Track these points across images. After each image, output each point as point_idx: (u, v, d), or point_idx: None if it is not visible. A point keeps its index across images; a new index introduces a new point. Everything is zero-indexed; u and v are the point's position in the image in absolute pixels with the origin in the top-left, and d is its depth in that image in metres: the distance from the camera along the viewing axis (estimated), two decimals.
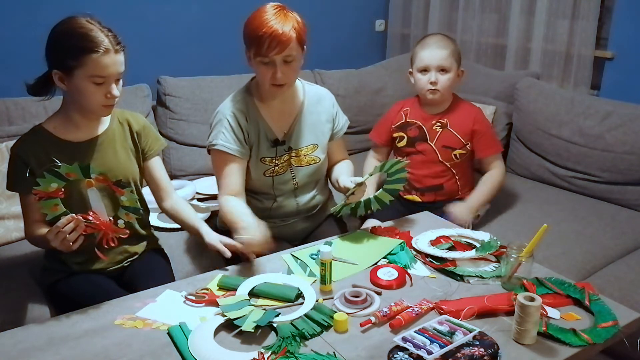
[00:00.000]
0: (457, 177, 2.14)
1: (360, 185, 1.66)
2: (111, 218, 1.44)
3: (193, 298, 1.37)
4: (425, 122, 2.12)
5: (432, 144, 2.11)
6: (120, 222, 1.47)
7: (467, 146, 2.11)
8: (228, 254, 1.49)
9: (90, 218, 1.38)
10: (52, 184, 1.35)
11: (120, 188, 1.43)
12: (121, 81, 1.52)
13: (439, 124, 2.11)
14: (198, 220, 1.66)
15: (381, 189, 1.78)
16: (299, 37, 1.61)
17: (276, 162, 1.76)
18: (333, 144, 1.89)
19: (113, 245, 1.43)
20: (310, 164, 1.80)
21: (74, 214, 1.36)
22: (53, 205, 1.38)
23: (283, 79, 1.63)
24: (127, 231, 1.47)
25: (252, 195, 1.81)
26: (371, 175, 1.76)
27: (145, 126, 1.71)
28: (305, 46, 1.67)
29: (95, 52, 1.42)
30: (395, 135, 2.18)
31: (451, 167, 2.12)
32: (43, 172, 1.36)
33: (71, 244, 1.36)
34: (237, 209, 1.62)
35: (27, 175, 1.45)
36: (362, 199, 1.74)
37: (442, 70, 2.04)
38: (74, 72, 1.44)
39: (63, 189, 1.38)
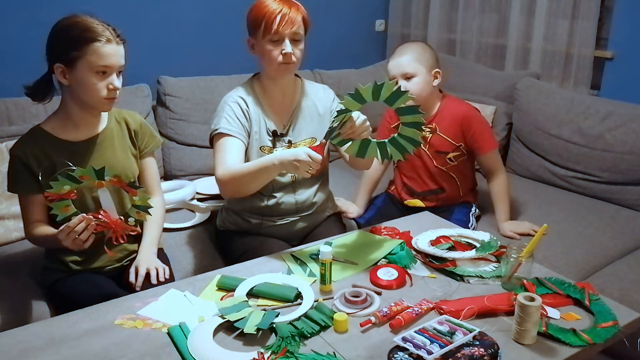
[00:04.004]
0: (457, 180, 2.12)
1: (340, 116, 1.47)
2: (121, 217, 1.46)
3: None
4: None
5: (425, 150, 2.09)
6: (131, 219, 1.49)
7: (461, 147, 2.08)
8: (133, 281, 1.54)
9: (101, 217, 1.41)
10: (65, 187, 1.38)
11: (134, 189, 1.45)
12: (121, 77, 1.53)
13: (428, 130, 2.07)
14: (147, 238, 1.67)
15: (398, 134, 1.56)
16: (304, 19, 1.69)
17: (275, 152, 1.76)
18: None
19: (123, 241, 1.46)
20: None
21: (84, 214, 1.38)
22: (64, 206, 1.41)
23: (291, 56, 1.67)
24: (138, 229, 1.51)
25: None
26: (361, 91, 1.48)
27: (142, 124, 1.72)
28: (306, 35, 1.72)
29: (97, 41, 1.45)
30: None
31: (448, 170, 2.10)
32: (57, 175, 1.37)
33: (82, 242, 1.38)
34: (252, 162, 1.65)
35: (40, 177, 1.48)
36: (373, 140, 1.57)
37: (407, 77, 1.99)
38: (76, 63, 1.46)
39: (75, 191, 1.40)
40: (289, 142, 1.79)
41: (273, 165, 1.55)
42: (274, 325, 1.23)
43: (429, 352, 1.10)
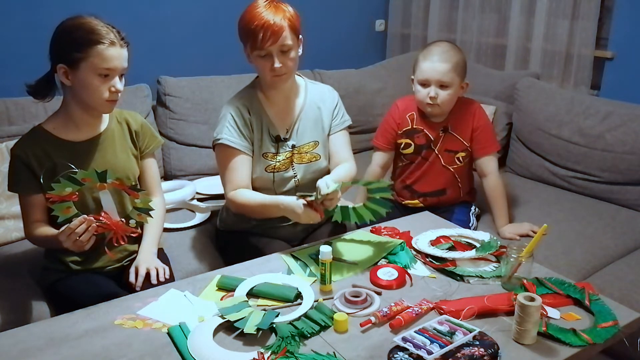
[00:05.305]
0: (459, 181, 2.12)
1: (326, 195, 1.49)
2: (123, 219, 1.46)
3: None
4: (431, 130, 2.07)
5: (434, 149, 2.08)
6: (132, 222, 1.48)
7: (469, 148, 2.07)
8: (133, 281, 1.55)
9: (102, 218, 1.40)
10: (67, 189, 1.37)
11: (135, 192, 1.45)
12: (124, 80, 1.53)
13: (441, 129, 2.07)
14: (147, 238, 1.68)
15: (362, 205, 1.66)
16: (291, 25, 1.64)
17: (278, 158, 1.76)
18: (334, 140, 1.85)
19: (123, 242, 1.46)
20: (311, 161, 1.80)
21: (85, 215, 1.38)
22: (65, 207, 1.40)
23: (282, 68, 1.65)
24: (139, 230, 1.51)
25: None
26: (344, 185, 1.55)
27: (143, 125, 1.72)
28: (300, 36, 1.70)
29: (101, 44, 1.45)
30: (400, 141, 2.11)
31: (454, 171, 2.10)
32: (59, 177, 1.37)
33: (83, 244, 1.38)
34: (261, 196, 1.68)
35: (42, 180, 1.47)
36: (338, 204, 1.61)
37: (442, 85, 1.97)
38: (79, 64, 1.46)
39: (77, 193, 1.40)
40: (293, 146, 1.78)
41: (277, 210, 1.60)
42: (274, 325, 1.23)
43: (429, 352, 1.10)
